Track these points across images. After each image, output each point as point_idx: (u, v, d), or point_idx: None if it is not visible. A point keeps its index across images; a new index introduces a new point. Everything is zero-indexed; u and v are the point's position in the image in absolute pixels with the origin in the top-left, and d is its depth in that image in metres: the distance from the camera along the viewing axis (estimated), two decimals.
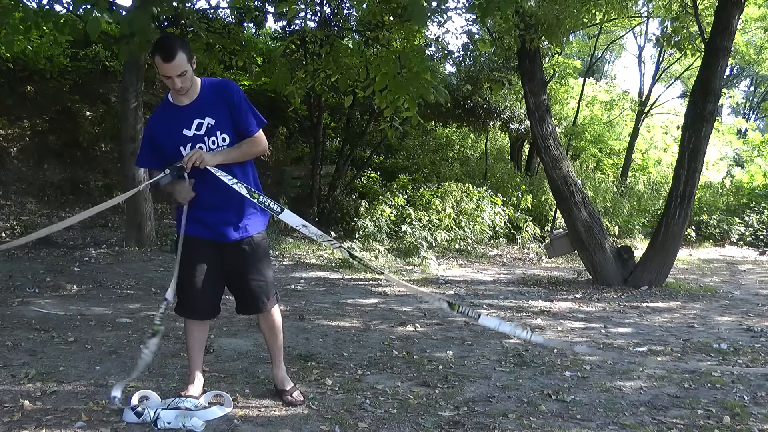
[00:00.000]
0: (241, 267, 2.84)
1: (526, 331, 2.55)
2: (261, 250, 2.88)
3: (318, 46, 8.70)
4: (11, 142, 10.63)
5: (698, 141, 7.09)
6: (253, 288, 2.86)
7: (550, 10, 6.99)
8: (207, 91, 2.74)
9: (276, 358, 3.03)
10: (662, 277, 7.38)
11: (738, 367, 3.85)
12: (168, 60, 2.56)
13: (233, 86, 2.79)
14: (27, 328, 4.25)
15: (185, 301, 2.87)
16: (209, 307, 2.91)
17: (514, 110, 14.02)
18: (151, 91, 12.85)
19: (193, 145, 2.69)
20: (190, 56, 2.63)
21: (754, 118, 30.64)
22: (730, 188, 18.06)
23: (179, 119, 2.72)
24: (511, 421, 2.84)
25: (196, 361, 2.96)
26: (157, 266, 7.20)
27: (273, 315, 2.96)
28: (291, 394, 2.96)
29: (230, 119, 2.73)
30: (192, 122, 2.70)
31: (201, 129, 2.70)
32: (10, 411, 2.71)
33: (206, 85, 2.77)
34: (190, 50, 2.67)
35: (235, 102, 2.73)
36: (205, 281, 2.82)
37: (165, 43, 2.60)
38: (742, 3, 7.26)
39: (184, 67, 2.60)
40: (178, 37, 2.75)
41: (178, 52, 2.56)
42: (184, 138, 2.70)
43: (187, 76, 2.63)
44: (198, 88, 2.73)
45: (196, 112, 2.71)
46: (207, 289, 2.84)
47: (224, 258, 2.82)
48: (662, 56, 17.50)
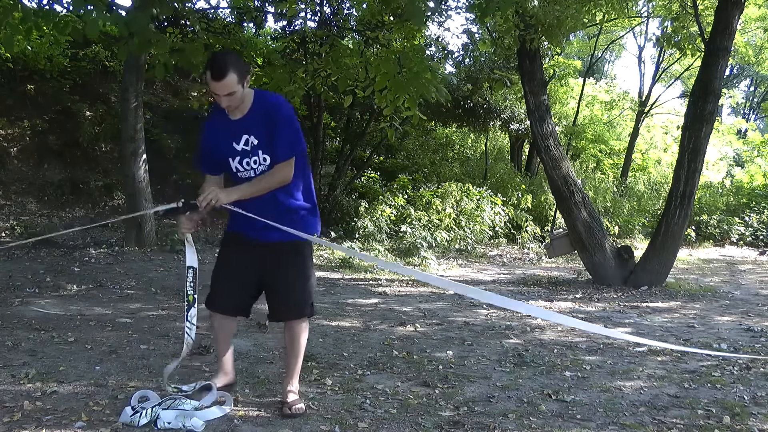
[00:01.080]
0: (274, 270, 2.79)
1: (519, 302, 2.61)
2: (299, 258, 2.80)
3: (318, 46, 8.70)
4: (11, 142, 10.63)
5: (698, 141, 7.09)
6: (282, 295, 2.80)
7: (550, 10, 6.99)
8: (256, 107, 2.70)
9: (288, 372, 2.91)
10: (662, 277, 7.38)
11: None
12: (218, 79, 2.55)
13: (279, 105, 2.71)
14: (27, 328, 4.25)
15: (212, 294, 2.92)
16: (233, 304, 2.90)
17: (514, 110, 14.02)
18: (151, 91, 12.87)
19: (241, 158, 2.71)
20: (242, 76, 2.59)
21: (754, 118, 30.64)
22: (730, 188, 18.06)
23: (230, 132, 2.72)
24: (511, 421, 2.84)
25: (221, 354, 3.01)
26: (157, 266, 7.20)
27: (295, 328, 2.84)
28: (291, 407, 2.80)
29: (268, 132, 2.68)
30: (240, 137, 2.70)
31: (248, 145, 2.70)
32: (10, 411, 2.71)
33: (257, 99, 2.72)
34: (245, 68, 2.63)
35: (275, 120, 2.66)
36: (234, 277, 2.84)
37: (217, 61, 2.58)
38: (742, 3, 7.26)
39: (234, 87, 2.57)
40: (233, 55, 2.68)
41: (229, 72, 2.53)
42: (233, 150, 2.72)
43: (235, 96, 2.61)
44: (250, 103, 2.70)
45: (244, 128, 2.70)
46: (234, 286, 2.85)
47: (262, 259, 2.78)
48: (662, 56, 17.51)
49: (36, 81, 11.23)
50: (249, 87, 2.71)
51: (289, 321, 2.85)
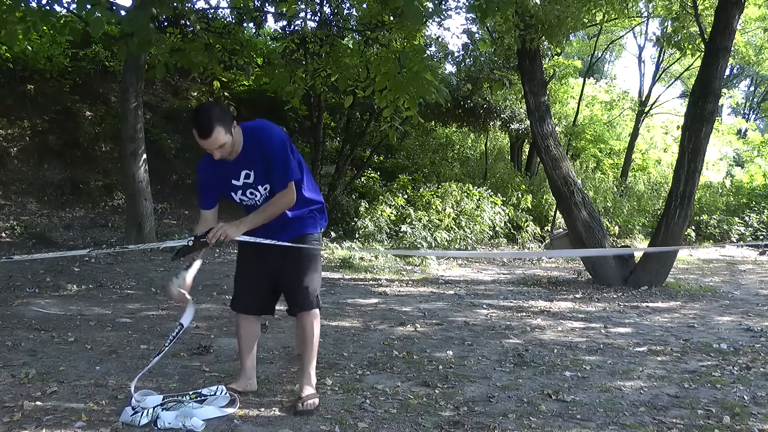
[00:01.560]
0: (281, 266, 2.90)
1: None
2: (306, 255, 2.89)
3: (318, 46, 8.70)
4: (11, 142, 10.63)
5: (698, 141, 7.09)
6: (294, 288, 2.91)
7: (550, 10, 6.99)
8: (248, 144, 2.76)
9: (301, 365, 2.98)
10: (662, 277, 7.38)
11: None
12: (205, 137, 2.62)
13: (266, 134, 2.76)
14: (27, 328, 4.25)
15: (234, 296, 3.06)
16: (253, 303, 3.00)
17: (514, 110, 14.02)
18: (151, 91, 12.87)
19: (244, 191, 2.84)
20: (228, 126, 2.63)
21: (754, 118, 30.65)
22: (730, 188, 18.07)
23: (227, 171, 2.81)
24: (511, 421, 2.84)
25: (243, 357, 3.05)
26: (157, 266, 7.20)
27: (304, 321, 2.92)
28: (303, 403, 2.83)
29: (263, 163, 2.76)
30: (239, 174, 2.80)
31: (249, 178, 2.81)
32: (10, 411, 2.71)
33: (247, 136, 2.76)
34: (229, 118, 2.66)
35: (266, 152, 2.73)
36: (250, 278, 2.98)
37: (201, 119, 2.60)
38: (742, 3, 7.26)
39: (222, 141, 2.63)
40: (215, 108, 2.69)
41: (215, 128, 2.59)
42: (233, 186, 2.83)
43: (226, 147, 2.67)
44: (240, 142, 2.75)
45: (241, 166, 2.79)
46: (251, 286, 2.98)
47: (272, 257, 2.89)
48: (662, 56, 17.51)
49: (36, 81, 11.23)
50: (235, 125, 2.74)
51: (297, 314, 2.94)
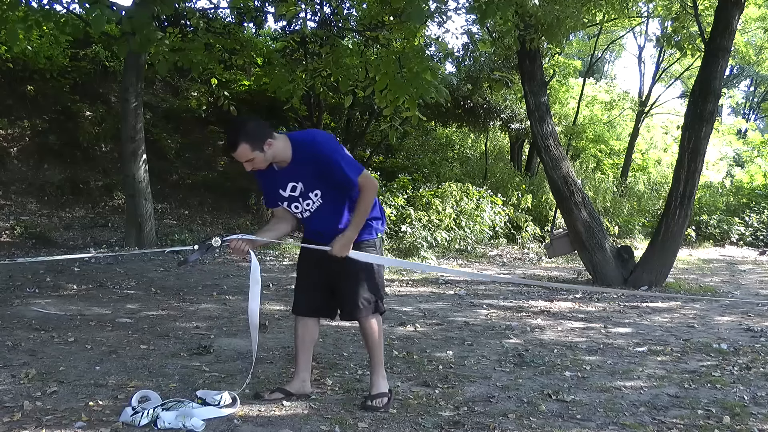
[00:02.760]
0: (339, 272, 2.91)
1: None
2: (356, 263, 2.90)
3: (318, 46, 8.71)
4: (11, 142, 10.63)
5: (698, 141, 7.09)
6: (346, 294, 2.94)
7: (550, 10, 6.98)
8: (298, 156, 2.79)
9: (371, 364, 3.05)
10: (662, 277, 7.38)
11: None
12: (229, 151, 2.75)
13: (317, 143, 2.79)
14: (27, 328, 4.25)
15: (296, 298, 3.08)
16: (310, 305, 3.03)
17: (514, 110, 14.02)
18: (151, 91, 12.87)
19: (289, 204, 2.89)
20: (256, 143, 2.68)
21: (754, 118, 30.64)
22: (730, 188, 18.07)
23: (276, 180, 2.87)
24: (511, 421, 2.84)
25: (299, 359, 3.06)
26: (157, 266, 7.20)
27: (365, 324, 2.98)
28: (372, 399, 2.92)
29: (318, 174, 2.79)
30: (286, 185, 2.85)
31: (295, 191, 2.85)
32: (10, 411, 2.71)
33: (296, 146, 2.79)
34: (260, 135, 2.69)
35: (322, 161, 2.76)
36: (309, 280, 3.03)
37: (228, 133, 2.76)
38: (742, 3, 7.26)
39: (248, 156, 2.70)
40: (247, 124, 2.74)
41: (239, 144, 2.67)
42: (281, 196, 2.90)
43: (255, 162, 2.73)
44: (290, 154, 2.79)
45: (289, 177, 2.83)
46: (310, 288, 3.02)
47: (328, 262, 2.89)
48: (662, 56, 17.51)
49: (36, 81, 11.23)
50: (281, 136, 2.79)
51: (356, 319, 2.98)
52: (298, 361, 3.06)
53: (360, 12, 9.92)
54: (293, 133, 2.90)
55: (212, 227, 10.55)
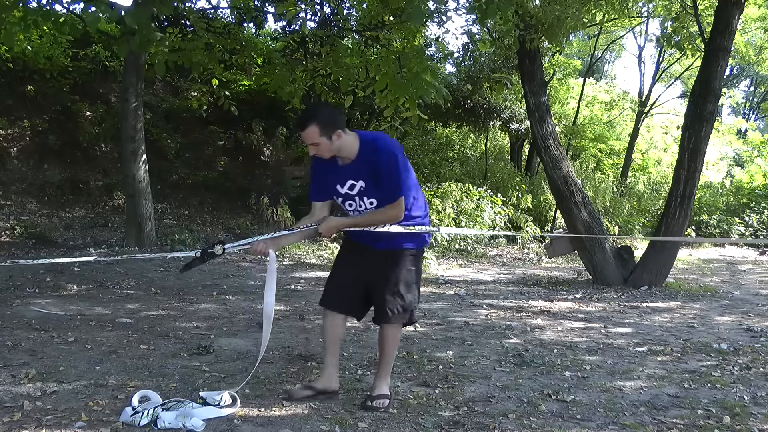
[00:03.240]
0: (377, 275, 2.93)
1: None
2: (400, 269, 2.92)
3: (318, 46, 8.71)
4: (11, 142, 10.63)
5: (698, 141, 7.09)
6: (383, 299, 2.92)
7: (550, 10, 6.98)
8: (361, 155, 2.81)
9: (378, 371, 3.05)
10: (662, 277, 7.38)
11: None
12: (299, 128, 2.79)
13: (380, 147, 2.80)
14: (27, 328, 4.25)
15: (326, 291, 3.07)
16: (343, 302, 3.02)
17: (514, 110, 14.01)
18: (151, 91, 12.86)
19: (344, 200, 2.91)
20: (326, 129, 2.72)
21: (754, 118, 30.63)
22: (730, 188, 18.06)
23: (337, 175, 2.87)
24: (511, 421, 2.84)
25: (326, 355, 3.06)
26: (157, 266, 7.19)
27: (389, 332, 2.98)
28: (373, 400, 2.93)
29: (372, 178, 2.81)
30: (345, 182, 2.86)
31: (353, 190, 2.86)
32: (10, 411, 2.71)
33: (363, 145, 2.81)
34: (332, 122, 2.74)
35: (380, 168, 2.77)
36: (345, 277, 3.02)
37: (303, 112, 2.82)
38: (742, 3, 7.26)
39: (315, 139, 2.73)
40: (323, 108, 2.83)
41: (309, 124, 2.71)
42: (337, 192, 2.90)
43: (320, 147, 2.76)
44: (356, 151, 2.81)
45: (350, 174, 2.84)
46: (344, 285, 3.01)
47: (370, 263, 2.93)
48: (662, 56, 17.50)
49: (36, 81, 11.22)
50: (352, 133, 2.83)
51: (384, 325, 2.97)
52: (326, 357, 3.08)
53: (360, 12, 9.92)
54: (364, 132, 2.91)
55: (212, 227, 10.55)
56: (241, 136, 13.08)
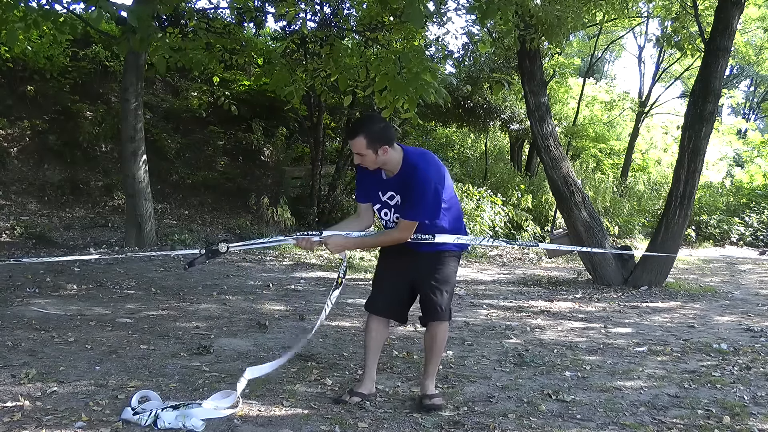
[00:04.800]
0: (423, 275, 3.00)
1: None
2: (447, 269, 3.02)
3: (318, 46, 8.70)
4: (11, 142, 10.63)
5: (698, 141, 7.09)
6: (432, 299, 2.99)
7: (550, 10, 6.98)
8: (403, 170, 2.87)
9: (426, 368, 3.10)
10: (662, 277, 7.38)
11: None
12: (348, 137, 2.87)
13: (419, 168, 2.83)
14: (27, 328, 4.25)
15: (373, 296, 3.13)
16: (387, 306, 3.09)
17: (514, 110, 14.01)
18: (151, 91, 12.86)
19: (381, 208, 3.00)
20: (373, 142, 2.77)
21: (754, 118, 30.64)
22: (730, 188, 18.07)
23: (379, 183, 2.96)
24: (511, 421, 2.84)
25: (369, 359, 3.09)
26: (157, 266, 7.20)
27: (438, 329, 3.03)
28: (431, 399, 2.99)
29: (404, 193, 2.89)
30: (387, 192, 2.95)
31: (392, 201, 2.94)
32: (10, 411, 2.71)
33: (405, 162, 2.87)
34: (383, 137, 2.79)
35: (411, 189, 2.84)
36: (389, 281, 3.08)
37: (355, 122, 2.89)
38: (742, 3, 7.26)
39: (361, 150, 2.80)
40: (374, 121, 2.86)
41: (358, 135, 2.79)
42: (378, 198, 2.99)
43: (365, 159, 2.83)
44: (399, 166, 2.87)
45: (391, 186, 2.93)
46: (389, 290, 3.08)
47: (416, 266, 2.99)
48: (662, 56, 17.50)
49: (36, 81, 11.22)
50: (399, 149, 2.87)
51: (431, 323, 3.03)
52: (368, 361, 3.09)
53: (360, 12, 9.91)
54: (411, 149, 2.94)
55: (212, 227, 10.54)
56: (241, 136, 13.08)
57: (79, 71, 11.92)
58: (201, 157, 12.43)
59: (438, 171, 2.87)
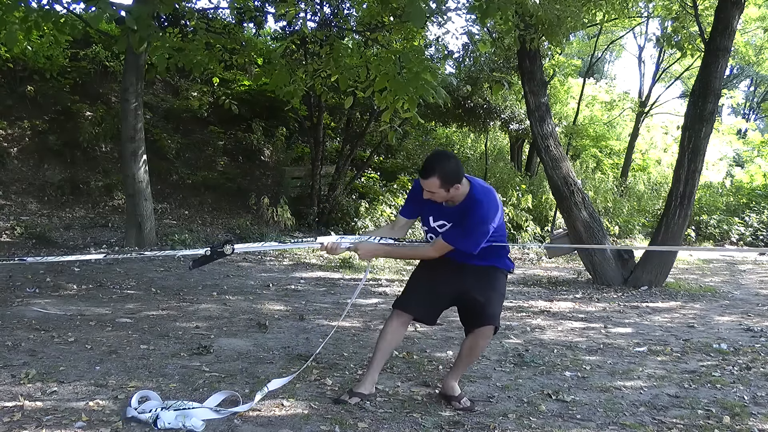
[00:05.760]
0: (476, 285, 3.01)
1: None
2: (496, 281, 3.06)
3: (318, 46, 8.70)
4: (11, 142, 10.63)
5: (698, 141, 7.09)
6: (484, 304, 3.00)
7: (550, 10, 6.98)
8: (464, 203, 2.91)
9: (455, 370, 3.14)
10: (662, 277, 7.38)
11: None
12: (421, 176, 2.89)
13: (478, 206, 2.88)
14: (27, 328, 4.25)
15: (406, 294, 3.14)
16: (418, 305, 3.09)
17: (514, 110, 14.01)
18: (151, 91, 12.86)
19: (428, 231, 3.05)
20: (447, 182, 2.81)
21: (754, 118, 30.62)
22: (730, 188, 18.06)
23: (435, 210, 2.99)
24: (511, 421, 2.84)
25: (377, 359, 3.07)
26: (157, 266, 7.20)
27: (484, 334, 3.03)
28: (459, 401, 3.02)
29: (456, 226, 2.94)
30: (439, 219, 3.00)
31: (442, 228, 2.98)
32: (10, 411, 2.71)
33: (471, 194, 2.90)
34: (455, 176, 2.82)
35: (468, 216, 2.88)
36: (429, 284, 3.08)
37: (429, 161, 2.87)
38: (742, 3, 7.26)
39: (434, 189, 2.84)
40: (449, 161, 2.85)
41: (431, 176, 2.81)
42: (427, 222, 3.04)
43: (436, 195, 2.87)
44: (461, 200, 2.91)
45: (447, 216, 2.96)
46: (425, 290, 3.08)
47: (464, 277, 3.01)
48: (662, 56, 17.50)
49: (36, 81, 11.22)
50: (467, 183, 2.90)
51: (481, 327, 3.01)
52: (374, 362, 3.08)
53: (360, 12, 9.91)
54: (478, 184, 2.96)
55: (212, 227, 10.54)
56: (241, 136, 13.08)
57: (79, 71, 11.92)
58: (201, 157, 12.43)
59: (496, 211, 2.93)
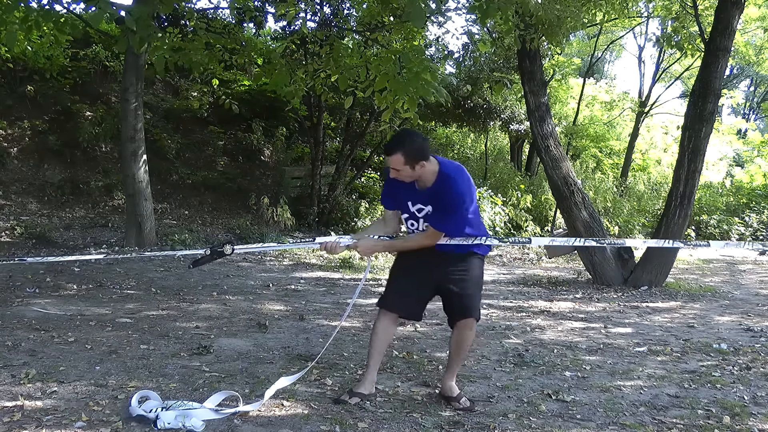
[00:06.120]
0: (453, 276, 3.01)
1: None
2: (471, 268, 3.04)
3: (318, 46, 8.70)
4: (11, 142, 10.63)
5: (698, 141, 7.09)
6: (464, 297, 3.01)
7: (550, 10, 6.98)
8: (437, 183, 2.91)
9: (450, 369, 3.14)
10: (662, 277, 7.38)
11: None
12: (385, 153, 2.93)
13: (451, 183, 2.88)
14: (27, 328, 4.25)
15: (388, 293, 3.13)
16: (403, 304, 3.08)
17: (514, 110, 14.02)
18: (151, 91, 12.86)
19: (408, 218, 3.06)
20: (410, 158, 2.82)
21: (754, 118, 30.63)
22: (730, 188, 18.06)
23: (410, 193, 3.00)
24: (511, 421, 2.84)
25: (373, 358, 3.08)
26: (157, 266, 7.20)
27: (465, 327, 3.04)
28: (458, 401, 3.02)
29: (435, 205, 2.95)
30: (416, 204, 3.00)
31: (420, 213, 3.00)
32: (10, 411, 2.71)
33: (440, 176, 2.91)
34: (419, 153, 2.84)
35: (443, 201, 2.89)
36: (409, 279, 3.07)
37: (392, 138, 2.96)
38: (742, 3, 7.25)
39: (398, 166, 2.86)
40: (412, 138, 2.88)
41: (395, 152, 2.84)
42: (406, 208, 3.05)
43: (401, 173, 2.88)
44: (433, 180, 2.92)
45: (422, 198, 2.98)
46: (406, 286, 3.07)
47: (440, 266, 3.00)
48: (662, 56, 17.49)
49: (36, 81, 11.22)
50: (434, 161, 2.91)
51: (459, 321, 3.03)
52: (371, 361, 3.08)
53: (360, 12, 9.91)
54: (445, 162, 2.97)
55: (212, 227, 10.54)
56: (241, 136, 13.08)
57: (78, 71, 11.92)
58: (201, 157, 12.43)
59: (469, 186, 2.93)
